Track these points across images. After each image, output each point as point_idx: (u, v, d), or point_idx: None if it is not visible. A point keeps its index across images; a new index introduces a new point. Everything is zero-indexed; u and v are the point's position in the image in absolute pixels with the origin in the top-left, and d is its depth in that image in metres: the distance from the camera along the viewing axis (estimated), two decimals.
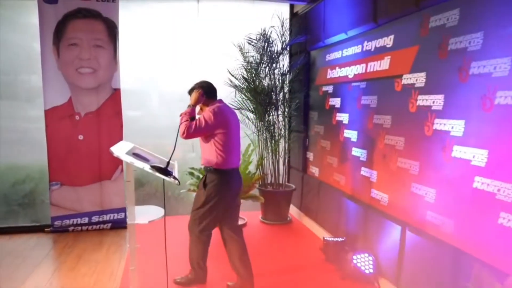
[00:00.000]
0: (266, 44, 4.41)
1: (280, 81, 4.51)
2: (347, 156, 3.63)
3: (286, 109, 4.58)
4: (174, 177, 2.05)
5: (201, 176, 4.42)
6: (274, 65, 4.46)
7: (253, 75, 4.41)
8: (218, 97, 3.00)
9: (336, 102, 3.88)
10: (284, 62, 4.63)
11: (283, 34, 4.53)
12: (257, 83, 4.40)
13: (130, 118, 4.83)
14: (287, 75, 4.57)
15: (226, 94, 4.41)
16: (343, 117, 3.72)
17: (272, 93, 4.45)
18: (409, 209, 2.71)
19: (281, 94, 4.54)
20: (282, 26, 4.51)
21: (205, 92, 2.89)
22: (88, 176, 4.50)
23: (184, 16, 4.81)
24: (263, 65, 4.44)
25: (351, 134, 3.58)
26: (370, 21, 3.15)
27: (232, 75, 4.46)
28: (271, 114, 4.51)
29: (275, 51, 4.47)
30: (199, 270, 3.07)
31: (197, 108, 2.92)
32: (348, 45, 3.65)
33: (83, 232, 4.57)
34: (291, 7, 4.91)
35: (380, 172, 3.10)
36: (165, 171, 2.05)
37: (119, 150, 2.18)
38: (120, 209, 4.58)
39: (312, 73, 4.50)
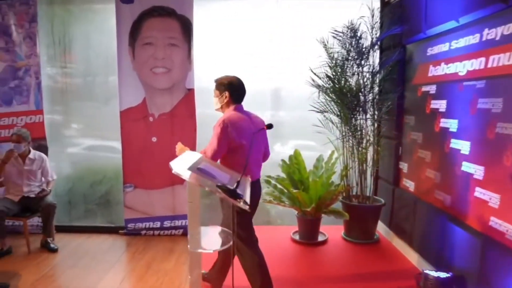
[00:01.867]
0: (354, 38, 3.87)
1: (370, 80, 3.93)
2: (455, 172, 2.96)
3: (376, 112, 3.99)
4: (245, 202, 1.65)
5: (278, 185, 4.04)
6: (362, 62, 3.90)
7: (339, 73, 3.89)
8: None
9: (440, 105, 3.21)
10: (375, 58, 4.04)
11: (373, 26, 3.95)
12: (342, 82, 3.88)
13: (209, 116, 4.58)
14: (378, 73, 3.97)
15: (308, 95, 3.97)
16: (450, 124, 3.05)
17: (360, 94, 3.89)
18: None
19: (371, 95, 3.96)
20: (373, 17, 3.93)
21: (232, 94, 2.65)
22: (160, 180, 4.37)
23: (262, 11, 4.44)
24: (350, 62, 3.90)
25: (461, 145, 2.91)
26: (496, 0, 2.47)
27: (315, 74, 3.98)
28: (358, 118, 3.95)
29: (364, 46, 3.90)
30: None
31: (215, 104, 2.74)
32: (459, 35, 2.97)
33: (154, 237, 4.47)
34: None
35: (505, 196, 2.42)
36: (234, 193, 1.66)
37: (182, 163, 1.85)
38: None
39: (408, 70, 3.85)
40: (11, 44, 4.31)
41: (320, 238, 4.02)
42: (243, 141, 2.52)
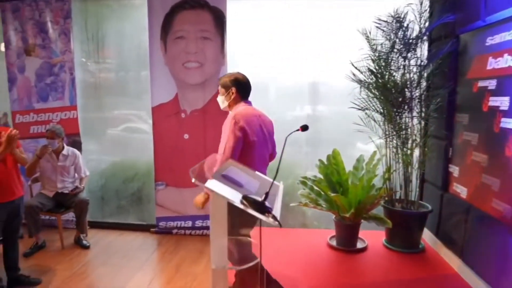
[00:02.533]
0: (400, 28, 3.52)
1: (417, 74, 3.58)
2: None
3: (423, 110, 3.63)
4: (274, 217, 1.42)
5: (315, 187, 3.79)
6: (409, 54, 3.55)
7: (382, 67, 3.56)
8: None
9: (501, 102, 2.83)
10: (423, 50, 3.67)
11: (422, 15, 3.58)
12: (386, 77, 3.55)
13: None
14: (426, 67, 3.60)
15: (349, 91, 3.67)
16: None
17: (406, 90, 3.55)
18: None
19: (418, 90, 3.60)
20: (421, 4, 3.56)
21: (239, 90, 2.59)
22: None
23: (299, 0, 4.17)
24: (395, 55, 3.56)
25: None
26: None
27: (356, 68, 3.67)
28: (404, 116, 3.61)
29: (411, 37, 3.55)
30: None
31: (222, 102, 2.65)
32: None
33: (186, 236, 4.38)
34: None
35: None
36: (261, 206, 1.44)
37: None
38: None
39: (462, 63, 3.46)
40: (47, 40, 4.33)
41: (359, 245, 3.73)
42: (255, 138, 2.45)
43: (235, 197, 1.47)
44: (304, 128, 1.94)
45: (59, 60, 4.34)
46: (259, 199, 1.45)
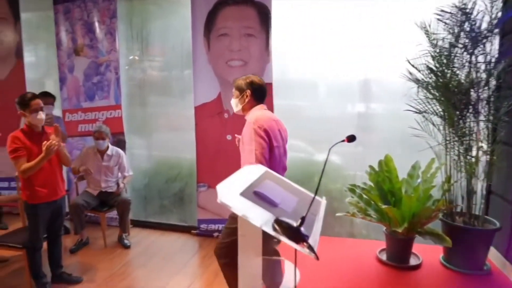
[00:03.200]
0: (466, 20, 3.11)
1: (486, 72, 3.15)
2: None
3: (492, 113, 3.19)
4: (310, 247, 1.17)
5: (364, 195, 3.48)
6: (476, 50, 3.13)
7: (444, 65, 3.17)
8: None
9: None
10: (493, 45, 3.23)
11: (493, 4, 3.13)
12: (448, 76, 3.15)
13: (298, 107, 4.31)
14: (497, 64, 3.16)
15: (404, 91, 3.32)
16: None
17: (472, 90, 3.13)
18: None
19: (485, 91, 3.17)
20: None
21: (254, 93, 2.47)
22: None
23: None
24: (460, 51, 3.16)
25: None
26: None
27: (412, 65, 3.31)
28: (468, 120, 3.20)
29: (479, 30, 3.12)
30: None
31: (236, 105, 2.55)
32: None
33: None
34: None
35: None
36: (296, 234, 1.23)
37: (236, 184, 1.47)
38: None
39: None
40: (94, 40, 4.39)
41: (413, 262, 3.37)
42: (275, 143, 2.33)
43: (267, 220, 1.26)
44: (351, 139, 1.69)
45: (105, 59, 4.39)
46: (294, 223, 1.22)
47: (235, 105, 2.58)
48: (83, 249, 4.05)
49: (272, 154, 2.31)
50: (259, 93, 2.51)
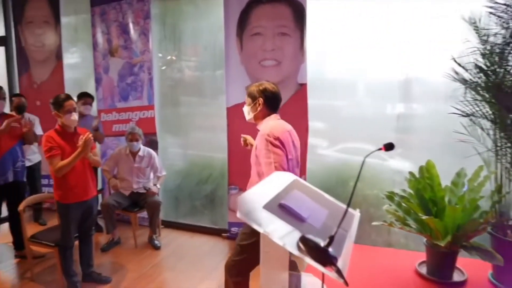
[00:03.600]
0: None
1: None
2: None
3: None
4: (339, 271, 1.02)
5: (403, 204, 3.25)
6: None
7: (495, 63, 2.90)
8: None
9: None
10: None
11: None
12: (501, 75, 2.87)
13: (335, 107, 4.14)
14: None
15: (448, 91, 3.07)
16: None
17: None
18: None
19: None
20: None
21: (266, 101, 2.33)
22: None
23: None
24: None
25: None
26: None
27: (459, 64, 3.05)
28: None
29: None
30: None
31: (248, 113, 2.45)
32: None
33: None
34: None
35: None
36: (323, 255, 1.09)
37: (260, 195, 1.34)
38: None
39: None
40: (129, 41, 4.43)
41: (457, 278, 3.09)
42: (289, 156, 2.23)
43: (292, 238, 1.12)
44: (389, 147, 1.50)
45: (138, 60, 4.41)
46: (322, 242, 1.07)
47: (247, 113, 2.46)
48: (114, 248, 4.08)
49: (287, 167, 2.20)
50: (273, 101, 2.36)
